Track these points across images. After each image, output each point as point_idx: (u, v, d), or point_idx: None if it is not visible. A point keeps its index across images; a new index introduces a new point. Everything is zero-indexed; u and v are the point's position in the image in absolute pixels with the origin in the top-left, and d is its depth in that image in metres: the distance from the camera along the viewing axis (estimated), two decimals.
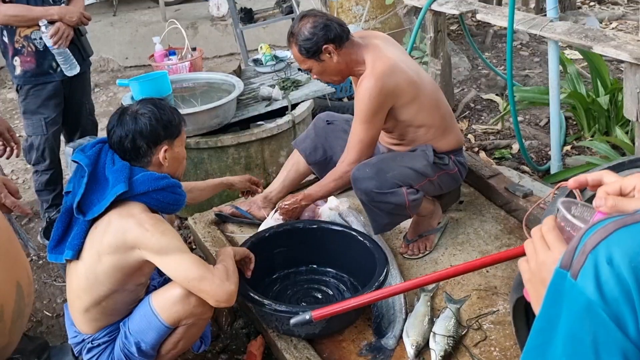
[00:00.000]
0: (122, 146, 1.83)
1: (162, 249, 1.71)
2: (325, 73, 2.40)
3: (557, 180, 2.93)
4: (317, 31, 2.28)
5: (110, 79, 5.46)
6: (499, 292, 2.31)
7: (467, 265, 1.35)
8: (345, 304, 1.47)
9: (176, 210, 1.96)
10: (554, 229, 0.78)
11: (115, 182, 1.76)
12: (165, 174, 1.86)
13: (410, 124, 2.43)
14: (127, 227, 1.72)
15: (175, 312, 1.78)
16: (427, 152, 2.43)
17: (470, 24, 5.57)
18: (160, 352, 1.88)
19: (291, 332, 2.10)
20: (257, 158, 3.05)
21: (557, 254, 0.74)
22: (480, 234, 2.66)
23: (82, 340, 1.90)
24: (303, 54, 2.34)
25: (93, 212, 1.77)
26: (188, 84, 3.29)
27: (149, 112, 1.83)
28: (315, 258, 2.46)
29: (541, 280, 0.75)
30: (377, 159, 2.40)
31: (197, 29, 5.71)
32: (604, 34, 2.52)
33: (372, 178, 2.29)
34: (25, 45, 2.82)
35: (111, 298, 1.82)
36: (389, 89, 2.28)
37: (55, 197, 3.06)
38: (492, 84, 4.51)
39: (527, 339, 0.72)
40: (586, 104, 3.40)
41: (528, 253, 0.80)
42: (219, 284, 1.73)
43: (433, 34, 3.51)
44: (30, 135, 2.97)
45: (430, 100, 2.42)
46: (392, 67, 2.30)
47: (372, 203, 2.34)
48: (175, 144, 1.89)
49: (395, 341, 2.09)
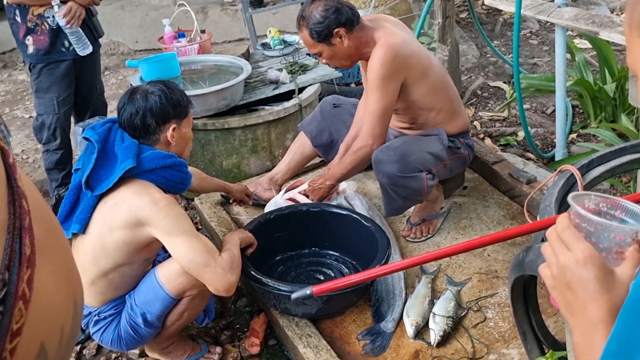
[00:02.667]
0: (132, 123, 1.88)
1: (172, 230, 1.75)
2: (335, 57, 2.38)
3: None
4: (329, 14, 2.26)
5: (120, 62, 5.49)
6: (499, 276, 2.34)
7: (467, 244, 1.39)
8: (346, 280, 1.51)
9: (182, 190, 1.99)
10: (570, 227, 0.73)
11: (124, 158, 1.80)
12: (172, 153, 1.91)
13: (422, 107, 2.44)
14: (142, 205, 1.76)
15: (179, 284, 1.83)
16: (442, 136, 2.45)
17: (479, 12, 5.54)
18: (166, 323, 1.93)
19: (288, 311, 2.13)
20: (264, 140, 3.08)
21: (579, 253, 0.71)
22: (483, 219, 2.68)
23: (88, 313, 1.95)
24: (314, 38, 2.31)
25: (101, 188, 1.81)
26: (197, 66, 3.32)
27: (159, 91, 1.89)
28: (318, 241, 2.48)
29: (566, 285, 0.71)
30: (400, 142, 2.39)
31: (207, 13, 5.72)
32: (611, 20, 2.52)
33: (396, 161, 2.28)
34: (39, 24, 2.85)
35: (117, 271, 1.86)
36: (402, 58, 2.27)
37: (65, 177, 3.10)
38: (500, 71, 4.50)
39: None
40: (593, 92, 3.39)
41: (547, 257, 0.76)
42: (221, 273, 1.75)
43: (441, 19, 3.51)
44: (41, 114, 3.01)
45: (439, 81, 2.44)
46: (403, 41, 2.30)
47: (392, 187, 2.33)
48: (182, 124, 1.95)
49: (394, 324, 2.10)
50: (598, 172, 1.77)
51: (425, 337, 2.09)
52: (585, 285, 0.69)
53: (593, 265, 0.70)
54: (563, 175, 1.73)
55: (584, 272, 0.70)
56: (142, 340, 1.96)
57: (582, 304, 0.70)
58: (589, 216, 0.72)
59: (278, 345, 2.21)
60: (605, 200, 0.76)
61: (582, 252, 0.70)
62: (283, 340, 2.19)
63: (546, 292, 2.20)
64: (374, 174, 2.41)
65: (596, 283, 0.69)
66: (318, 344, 2.03)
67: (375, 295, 2.24)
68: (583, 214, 0.73)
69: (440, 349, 2.04)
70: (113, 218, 1.80)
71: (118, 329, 1.91)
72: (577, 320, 0.71)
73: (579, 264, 0.70)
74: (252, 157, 3.09)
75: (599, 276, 0.69)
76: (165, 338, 2.04)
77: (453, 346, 2.05)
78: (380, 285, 2.25)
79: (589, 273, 0.69)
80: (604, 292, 0.68)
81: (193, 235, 1.77)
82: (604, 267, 0.70)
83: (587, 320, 0.69)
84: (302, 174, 3.04)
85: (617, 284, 0.70)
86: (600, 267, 0.70)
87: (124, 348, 1.99)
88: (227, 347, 2.20)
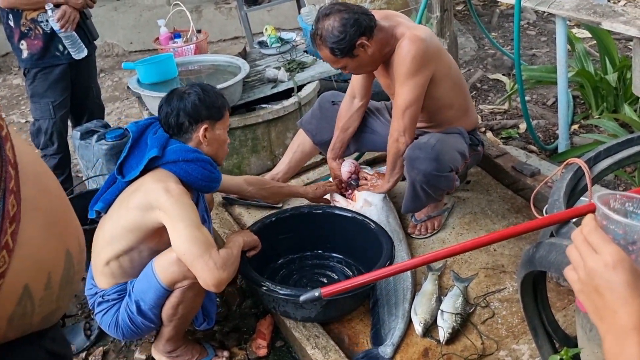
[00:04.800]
0: (167, 121, 1.98)
1: (177, 216, 1.78)
2: (360, 67, 2.30)
3: (565, 159, 2.92)
4: (348, 28, 2.16)
5: (115, 63, 5.45)
6: (506, 270, 2.32)
7: (474, 242, 1.36)
8: (354, 281, 1.49)
9: (208, 189, 2.03)
10: (597, 230, 0.71)
11: (151, 147, 1.90)
12: (197, 149, 1.97)
13: (443, 104, 2.40)
14: (155, 189, 1.82)
15: (170, 273, 1.83)
16: (463, 134, 2.42)
17: (476, 4, 5.51)
18: (163, 317, 1.93)
19: (287, 315, 2.09)
20: (264, 140, 3.06)
21: (607, 257, 0.68)
22: (488, 214, 2.66)
23: (95, 293, 1.98)
24: (337, 55, 2.22)
25: (131, 175, 1.91)
26: (194, 66, 3.28)
27: (195, 93, 1.99)
28: (322, 243, 2.45)
29: (595, 289, 0.69)
30: (434, 139, 2.30)
31: (201, 12, 5.68)
32: (613, 10, 2.49)
33: (434, 160, 2.23)
34: (32, 28, 2.81)
35: (128, 255, 1.90)
36: (432, 50, 2.23)
37: (64, 182, 3.07)
38: (498, 64, 4.48)
39: None
40: (594, 82, 3.37)
41: (574, 261, 0.73)
42: (212, 268, 1.75)
43: (439, 13, 3.47)
44: (37, 119, 2.98)
45: (458, 77, 2.42)
46: (431, 35, 2.27)
47: (424, 185, 2.28)
48: (216, 126, 2.01)
49: (392, 349, 2.00)
50: (605, 165, 1.75)
51: (433, 334, 2.07)
52: (615, 290, 0.67)
53: (623, 269, 0.67)
54: (570, 169, 1.70)
55: (613, 276, 0.67)
56: (138, 332, 1.96)
57: (612, 309, 0.67)
58: (617, 218, 0.70)
59: (285, 346, 2.19)
60: (631, 200, 0.74)
61: (611, 255, 0.68)
62: (290, 341, 2.17)
63: (554, 285, 2.19)
64: (406, 170, 2.34)
65: (627, 287, 0.66)
66: (326, 344, 2.01)
67: (375, 316, 2.14)
68: (611, 216, 0.70)
69: (450, 346, 2.02)
70: (129, 199, 1.87)
71: (117, 314, 1.94)
72: (608, 326, 0.68)
73: (608, 268, 0.67)
74: (253, 156, 3.06)
75: (630, 280, 0.67)
76: (168, 340, 2.03)
77: (462, 343, 2.03)
78: (382, 307, 2.16)
79: (619, 277, 0.67)
80: (635, 297, 0.66)
81: (195, 226, 1.79)
82: (635, 271, 0.68)
83: (618, 326, 0.67)
84: (303, 172, 3.01)
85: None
86: (630, 270, 0.67)
87: (121, 336, 1.99)
88: (234, 350, 2.17)
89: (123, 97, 4.76)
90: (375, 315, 2.15)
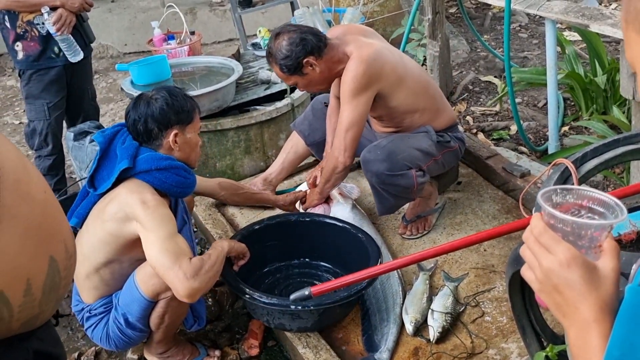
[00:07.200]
0: (135, 128, 1.93)
1: (151, 228, 1.76)
2: (311, 84, 2.38)
3: (554, 160, 2.95)
4: (294, 47, 2.24)
5: (110, 65, 5.46)
6: (496, 270, 2.35)
7: (464, 240, 1.39)
8: (343, 280, 1.51)
9: (183, 194, 2.00)
10: (547, 230, 0.73)
11: (121, 158, 1.85)
12: (169, 156, 1.93)
13: (404, 111, 2.44)
14: (131, 201, 1.80)
15: (152, 285, 1.82)
16: (429, 132, 2.45)
17: (468, 7, 5.55)
18: (151, 325, 1.93)
19: (282, 326, 2.07)
20: (257, 141, 3.08)
21: (561, 256, 0.71)
22: (478, 214, 2.68)
23: (82, 309, 1.98)
24: (285, 72, 2.31)
25: (103, 187, 1.87)
26: (187, 68, 3.30)
27: (162, 98, 1.94)
28: (309, 251, 2.42)
29: (554, 288, 0.72)
30: (387, 140, 2.38)
31: (196, 14, 5.70)
32: (601, 13, 2.52)
33: (384, 160, 2.28)
34: (28, 30, 2.82)
35: (108, 267, 1.88)
36: (374, 72, 2.26)
37: (58, 182, 3.08)
38: (490, 66, 4.51)
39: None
40: (584, 84, 3.41)
41: (528, 261, 0.76)
42: (182, 279, 1.71)
43: (431, 15, 3.51)
44: (32, 120, 2.99)
45: (417, 83, 2.43)
46: (376, 52, 2.29)
47: (381, 185, 2.34)
48: (187, 130, 1.98)
49: (389, 354, 2.01)
50: (592, 165, 1.78)
51: (424, 333, 2.09)
52: (572, 287, 0.70)
53: (577, 266, 0.70)
54: (557, 169, 1.73)
55: (569, 273, 0.70)
56: (130, 341, 1.97)
57: (573, 305, 0.70)
58: (563, 216, 0.72)
59: (277, 346, 2.20)
60: (571, 192, 0.76)
61: (564, 253, 0.70)
62: (282, 341, 2.19)
63: None
64: (364, 173, 2.41)
65: (583, 283, 0.69)
66: (317, 344, 2.03)
67: (366, 323, 2.15)
68: (555, 214, 0.72)
69: (440, 345, 2.04)
70: (105, 211, 1.84)
71: (107, 327, 1.94)
72: (570, 321, 0.71)
73: (562, 266, 0.70)
74: (246, 157, 3.08)
75: (585, 275, 0.70)
76: (159, 343, 2.03)
77: (452, 342, 2.05)
78: (374, 315, 2.16)
79: (574, 274, 0.70)
80: (592, 291, 0.69)
81: (168, 237, 1.76)
82: (587, 265, 0.71)
83: (580, 321, 0.70)
84: (296, 173, 3.03)
85: (602, 279, 0.71)
86: (583, 266, 0.70)
87: (114, 347, 2.00)
88: (226, 349, 2.19)
89: (117, 99, 4.77)
90: (366, 322, 2.16)
